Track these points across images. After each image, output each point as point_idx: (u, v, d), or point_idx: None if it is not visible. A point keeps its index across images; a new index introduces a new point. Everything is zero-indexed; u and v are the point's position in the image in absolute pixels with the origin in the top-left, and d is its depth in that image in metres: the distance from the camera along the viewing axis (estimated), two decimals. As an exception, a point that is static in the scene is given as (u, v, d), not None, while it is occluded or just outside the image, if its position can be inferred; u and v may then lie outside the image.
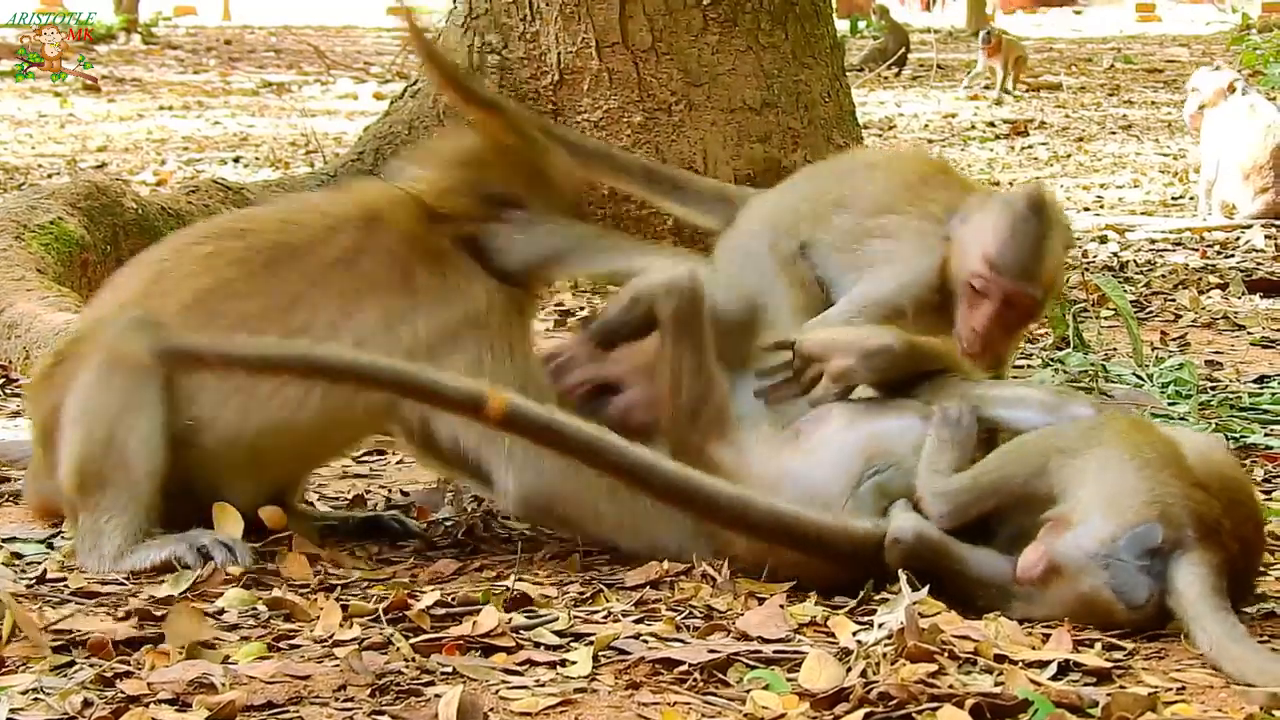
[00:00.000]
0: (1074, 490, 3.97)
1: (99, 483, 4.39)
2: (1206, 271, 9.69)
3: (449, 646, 3.79)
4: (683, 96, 8.97)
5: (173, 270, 4.57)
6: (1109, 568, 3.87)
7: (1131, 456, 3.98)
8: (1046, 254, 4.93)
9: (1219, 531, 3.92)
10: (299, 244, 4.56)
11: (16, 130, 18.24)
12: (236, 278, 4.51)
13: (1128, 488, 3.92)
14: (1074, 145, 17.65)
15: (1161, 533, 3.85)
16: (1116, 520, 3.88)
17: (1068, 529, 3.93)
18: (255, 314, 4.45)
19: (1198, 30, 38.20)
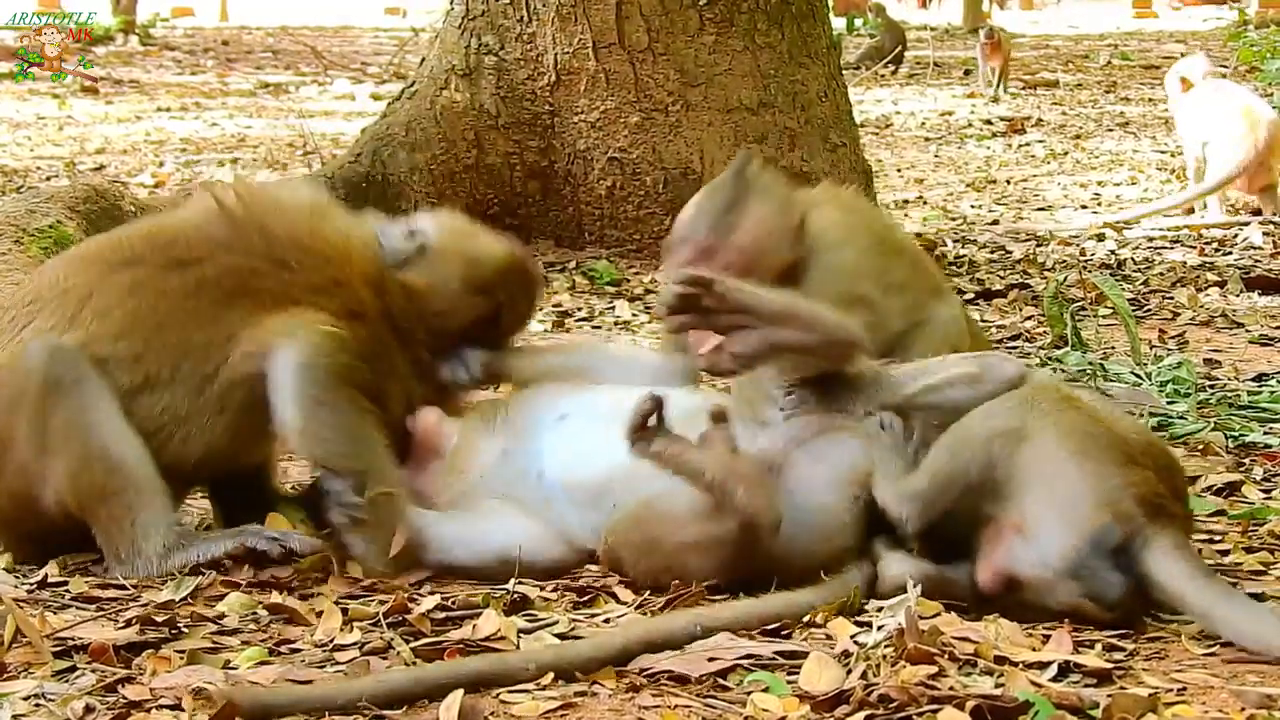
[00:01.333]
0: (1019, 491, 3.97)
1: (103, 495, 4.37)
2: (1204, 269, 9.69)
3: (450, 650, 3.79)
4: (679, 97, 8.98)
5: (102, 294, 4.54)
6: (1079, 577, 3.88)
7: (1070, 449, 3.98)
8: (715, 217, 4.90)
9: (1164, 503, 3.96)
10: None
11: (15, 132, 18.22)
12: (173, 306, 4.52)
13: (1074, 490, 3.93)
14: (1071, 143, 17.63)
15: (1117, 530, 3.86)
16: (1072, 530, 3.89)
17: (1020, 539, 3.93)
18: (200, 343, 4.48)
19: (1195, 27, 38.18)
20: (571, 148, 9.10)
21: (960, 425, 4.14)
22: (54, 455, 4.38)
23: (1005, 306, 8.47)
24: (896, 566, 4.08)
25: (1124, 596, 3.89)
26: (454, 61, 9.23)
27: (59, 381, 4.35)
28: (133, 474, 4.38)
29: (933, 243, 10.29)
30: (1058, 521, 3.92)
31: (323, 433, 4.41)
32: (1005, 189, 14.20)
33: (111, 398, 4.39)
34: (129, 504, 4.37)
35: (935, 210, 12.77)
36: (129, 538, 4.38)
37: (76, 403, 4.35)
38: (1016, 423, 4.04)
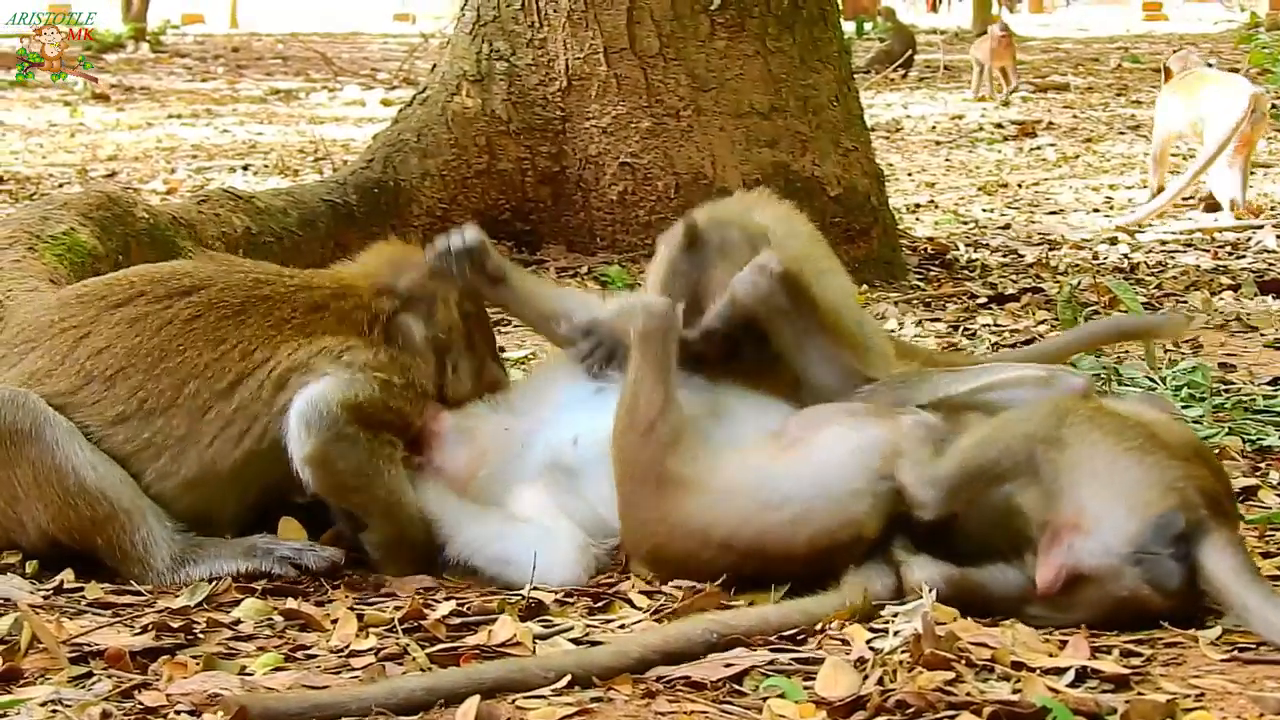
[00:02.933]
0: (1071, 490, 3.96)
1: (94, 526, 4.38)
2: (1218, 273, 9.67)
3: (465, 656, 3.79)
4: (691, 102, 8.97)
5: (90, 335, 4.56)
6: (1141, 563, 3.88)
7: (1121, 445, 3.99)
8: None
9: (1223, 502, 3.99)
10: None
11: (27, 140, 18.25)
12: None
13: (1137, 479, 3.93)
14: (1082, 146, 17.62)
15: (1182, 517, 3.87)
16: (1138, 515, 3.89)
17: (1081, 535, 3.92)
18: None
19: (1205, 29, 38.13)
20: (583, 153, 9.09)
21: (994, 422, 4.17)
22: (30, 501, 4.38)
23: (1018, 310, 8.45)
24: (922, 571, 4.06)
25: (1183, 586, 3.88)
26: (465, 67, 9.23)
27: (16, 430, 4.35)
28: (117, 499, 4.38)
29: (945, 247, 10.29)
30: (1121, 509, 3.92)
31: (339, 464, 4.44)
32: (1017, 193, 14.19)
33: (74, 433, 4.39)
34: (123, 526, 4.38)
35: (947, 214, 12.76)
36: (134, 558, 4.39)
37: (41, 447, 4.35)
38: (1056, 426, 4.04)
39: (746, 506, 4.22)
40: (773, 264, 4.53)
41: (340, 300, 4.67)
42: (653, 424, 4.35)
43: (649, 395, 4.38)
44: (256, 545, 4.47)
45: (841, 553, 4.16)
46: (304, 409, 4.42)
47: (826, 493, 4.19)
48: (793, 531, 4.18)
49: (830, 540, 4.17)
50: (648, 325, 4.46)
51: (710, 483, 4.27)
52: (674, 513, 4.27)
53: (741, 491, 4.24)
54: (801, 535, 4.17)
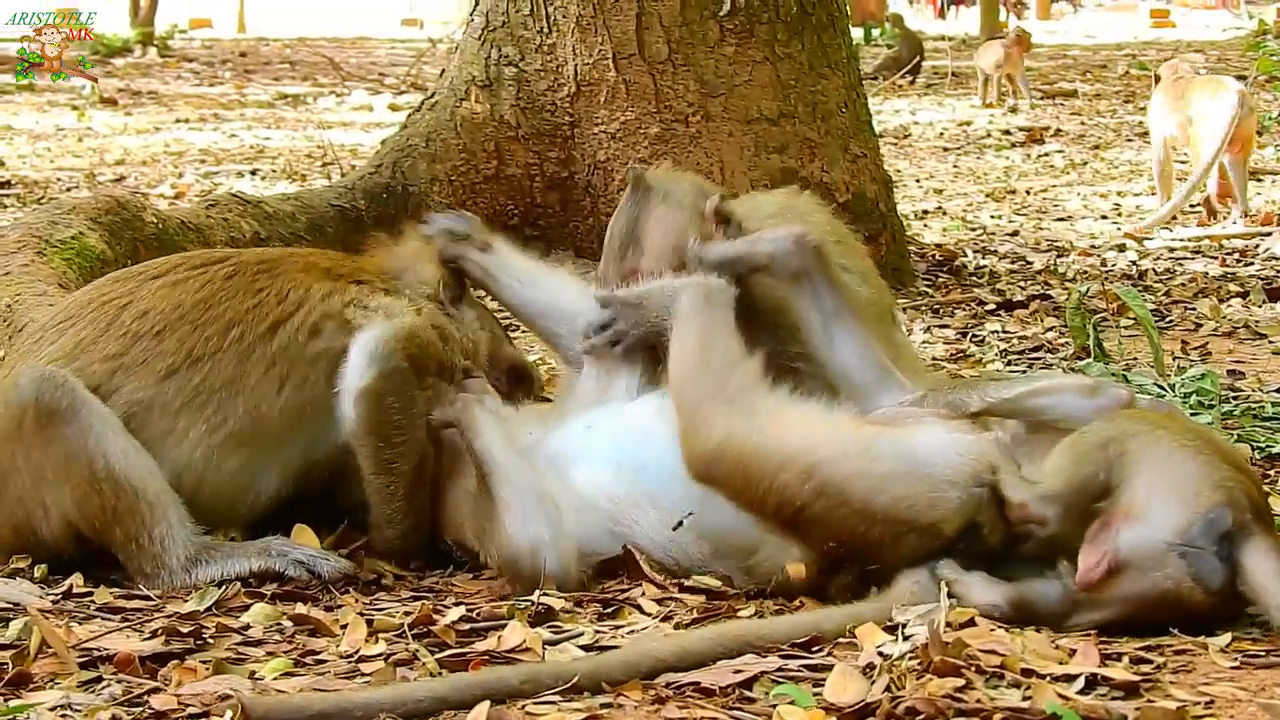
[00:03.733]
0: (1128, 481, 3.98)
1: (115, 515, 4.38)
2: (1226, 280, 9.67)
3: (475, 662, 3.79)
4: (699, 108, 8.97)
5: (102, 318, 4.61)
6: (1185, 556, 3.89)
7: (1182, 443, 4.04)
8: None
9: (1265, 509, 4.02)
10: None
11: (35, 144, 18.29)
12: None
13: (1190, 474, 3.97)
14: (1090, 153, 17.63)
15: (1230, 514, 3.88)
16: (1188, 507, 3.91)
17: (1129, 523, 3.93)
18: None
19: (1214, 36, 38.10)
20: (591, 159, 9.10)
21: (1077, 435, 4.16)
22: (57, 484, 4.38)
23: (1027, 317, 8.45)
24: (984, 593, 4.00)
25: (1224, 585, 3.89)
26: (474, 72, 9.23)
27: (53, 410, 4.35)
28: (142, 490, 4.38)
29: (953, 253, 10.29)
30: (1173, 499, 3.94)
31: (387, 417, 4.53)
32: (1025, 199, 14.19)
33: (110, 417, 4.40)
34: (142, 519, 4.37)
35: (955, 220, 12.76)
36: (149, 553, 4.39)
37: (74, 429, 4.35)
38: (1126, 429, 4.10)
39: (843, 448, 4.13)
40: (809, 235, 4.53)
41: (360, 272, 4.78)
42: (727, 357, 4.34)
43: (723, 339, 4.37)
44: (270, 547, 4.47)
45: (913, 538, 4.08)
46: (366, 343, 4.50)
47: (925, 472, 4.09)
48: (880, 488, 4.07)
49: (912, 516, 4.07)
50: (710, 291, 4.46)
51: (804, 425, 4.21)
52: (764, 430, 4.18)
53: (839, 439, 4.16)
54: (886, 496, 4.07)
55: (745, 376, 4.30)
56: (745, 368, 4.33)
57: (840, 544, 4.11)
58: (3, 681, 3.67)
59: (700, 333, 4.40)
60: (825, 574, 4.17)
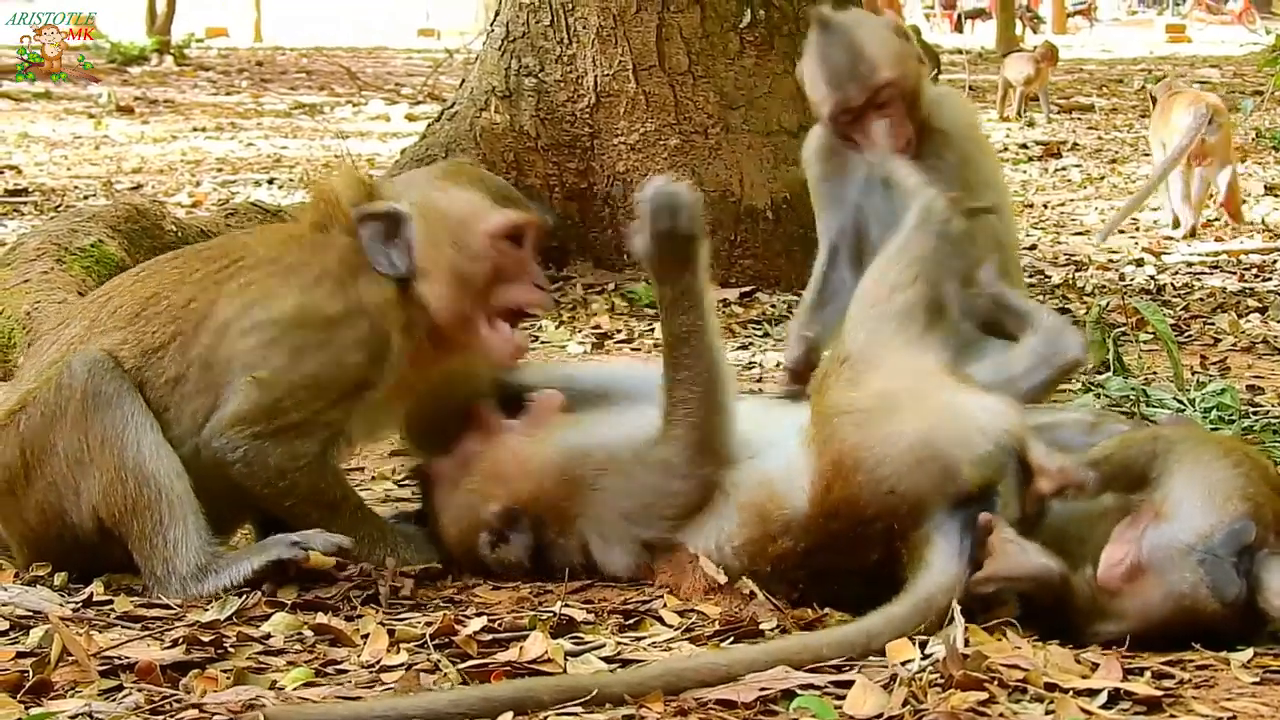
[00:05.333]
0: (1166, 478, 4.01)
1: (135, 509, 4.39)
2: (1245, 295, 9.65)
3: (497, 673, 3.78)
4: (719, 119, 8.99)
5: (116, 294, 4.65)
6: (1204, 563, 3.89)
7: (1225, 452, 4.08)
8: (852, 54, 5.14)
9: None
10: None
11: (52, 151, 18.31)
12: (167, 284, 4.60)
13: (1221, 482, 3.97)
14: (1107, 167, 17.61)
15: (1254, 529, 3.87)
16: (1213, 515, 3.91)
17: (1155, 523, 3.93)
18: (180, 304, 4.53)
19: (1229, 51, 38.08)
20: (611, 170, 9.11)
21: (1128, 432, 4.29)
22: (90, 468, 4.42)
23: (1045, 331, 8.43)
24: (1038, 555, 4.00)
25: (1238, 598, 3.89)
26: (494, 83, 9.25)
27: (99, 395, 4.40)
28: (165, 489, 4.40)
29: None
30: (1202, 504, 3.95)
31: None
32: (1042, 213, 14.18)
33: (147, 413, 4.43)
34: (160, 518, 4.39)
35: (972, 234, 12.74)
36: (161, 555, 4.40)
37: (115, 416, 4.40)
38: (1175, 434, 4.17)
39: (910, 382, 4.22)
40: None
41: None
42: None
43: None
44: (267, 542, 4.48)
45: (935, 470, 4.08)
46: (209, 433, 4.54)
47: (961, 412, 4.15)
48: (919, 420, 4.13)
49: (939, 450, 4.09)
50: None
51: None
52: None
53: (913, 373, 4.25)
54: (923, 423, 4.13)
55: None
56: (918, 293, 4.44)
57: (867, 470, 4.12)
58: (24, 689, 3.66)
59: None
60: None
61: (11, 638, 4.06)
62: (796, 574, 4.19)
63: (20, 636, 4.05)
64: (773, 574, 4.22)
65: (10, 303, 6.85)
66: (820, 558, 4.15)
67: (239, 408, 4.43)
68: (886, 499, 4.07)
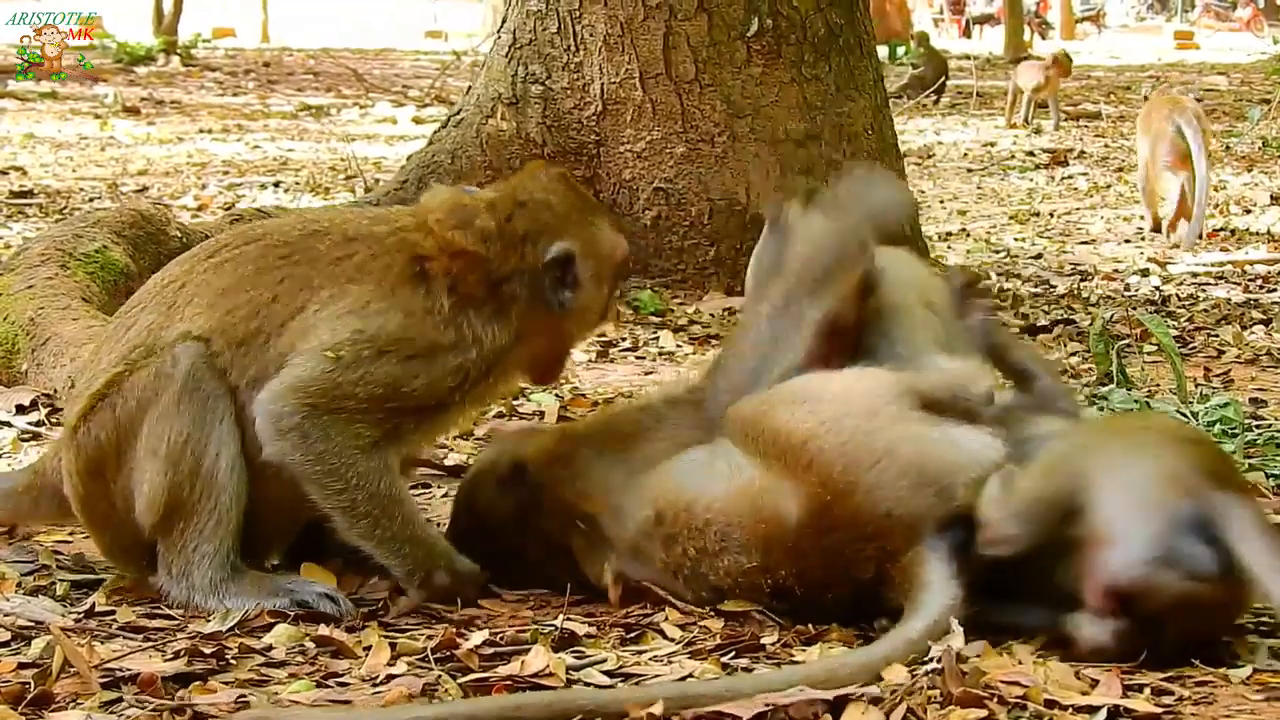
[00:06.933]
0: (1093, 503, 3.96)
1: (185, 512, 4.36)
2: (1249, 306, 9.65)
3: (498, 687, 3.78)
4: (726, 128, 8.99)
5: (192, 280, 4.57)
6: (1173, 563, 3.86)
7: (1124, 446, 4.06)
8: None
9: (1226, 473, 4.02)
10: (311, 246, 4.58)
11: (58, 153, 18.30)
12: (248, 274, 4.51)
13: (1142, 479, 3.96)
14: (1114, 175, 17.60)
15: (1188, 503, 3.86)
16: (1149, 518, 3.89)
17: (1104, 549, 3.91)
18: (266, 301, 4.45)
19: (1236, 59, 38.08)
20: (617, 177, 9.11)
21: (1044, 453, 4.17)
22: (164, 459, 4.36)
23: (1050, 342, 8.44)
24: (1092, 631, 3.96)
25: (1221, 565, 3.84)
26: (500, 90, 9.25)
27: (196, 391, 4.36)
28: (218, 497, 4.36)
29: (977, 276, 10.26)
30: (1134, 516, 3.91)
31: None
32: (1048, 221, 14.18)
33: (233, 420, 4.38)
34: (200, 525, 4.35)
35: (978, 243, 12.76)
36: (184, 559, 4.37)
37: (206, 418, 4.35)
38: (1075, 443, 4.14)
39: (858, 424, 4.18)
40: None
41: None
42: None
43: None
44: (280, 585, 4.44)
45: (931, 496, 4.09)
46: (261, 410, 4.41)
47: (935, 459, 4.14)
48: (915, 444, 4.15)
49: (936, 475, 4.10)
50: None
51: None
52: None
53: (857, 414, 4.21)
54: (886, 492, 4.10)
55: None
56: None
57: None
58: (25, 701, 3.66)
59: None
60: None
61: (13, 649, 4.05)
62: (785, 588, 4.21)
63: (22, 647, 4.05)
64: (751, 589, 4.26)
65: (14, 308, 6.85)
66: (810, 576, 4.16)
67: (301, 374, 4.34)
68: (884, 521, 4.08)
